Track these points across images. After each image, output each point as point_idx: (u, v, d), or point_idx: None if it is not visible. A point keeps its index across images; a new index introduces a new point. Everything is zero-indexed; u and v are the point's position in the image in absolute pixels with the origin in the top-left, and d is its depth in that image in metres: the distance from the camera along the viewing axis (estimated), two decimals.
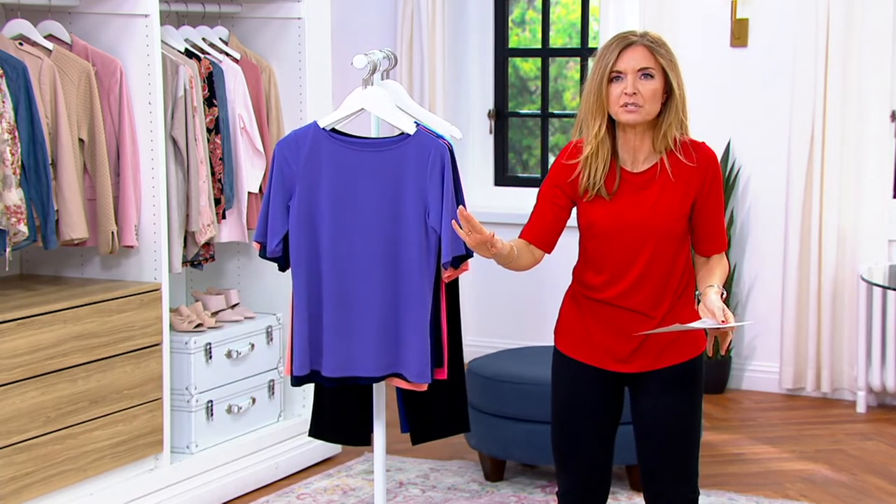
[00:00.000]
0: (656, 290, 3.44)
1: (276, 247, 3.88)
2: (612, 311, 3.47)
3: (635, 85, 3.35)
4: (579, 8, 7.12)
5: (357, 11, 7.25)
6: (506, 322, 7.13)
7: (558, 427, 3.57)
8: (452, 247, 3.80)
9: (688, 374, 3.51)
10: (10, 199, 4.31)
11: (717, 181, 3.46)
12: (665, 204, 3.41)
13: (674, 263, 3.45)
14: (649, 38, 3.40)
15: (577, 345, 3.53)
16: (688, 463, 3.53)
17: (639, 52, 3.37)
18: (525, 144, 7.50)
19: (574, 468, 3.56)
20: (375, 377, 3.90)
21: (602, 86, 3.38)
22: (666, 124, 3.40)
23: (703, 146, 3.47)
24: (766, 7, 6.50)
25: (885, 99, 6.28)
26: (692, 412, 3.52)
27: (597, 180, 3.41)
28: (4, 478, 4.23)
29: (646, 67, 3.37)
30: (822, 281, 6.37)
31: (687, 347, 3.50)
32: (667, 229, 3.41)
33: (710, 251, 3.51)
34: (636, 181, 3.43)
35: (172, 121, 4.87)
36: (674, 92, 3.39)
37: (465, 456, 5.50)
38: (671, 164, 3.42)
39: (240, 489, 5.11)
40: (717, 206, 3.48)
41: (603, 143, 3.40)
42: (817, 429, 6.00)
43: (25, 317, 4.29)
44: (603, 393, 3.53)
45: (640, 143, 3.43)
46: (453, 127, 4.02)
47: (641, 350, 3.48)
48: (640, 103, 3.35)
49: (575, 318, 3.54)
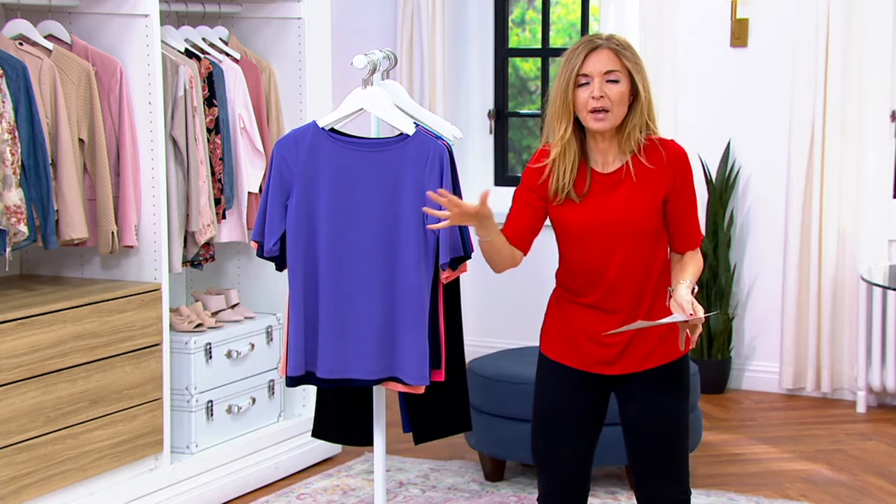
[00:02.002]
0: (635, 290, 3.45)
1: (273, 246, 3.88)
2: (595, 314, 3.48)
3: (602, 88, 3.37)
4: (579, 8, 7.12)
5: (357, 11, 7.25)
6: (506, 322, 7.13)
7: (540, 430, 3.58)
8: (451, 248, 3.80)
9: (673, 375, 3.51)
10: (10, 199, 4.31)
11: (687, 177, 3.47)
12: (636, 202, 3.42)
13: (651, 263, 3.46)
14: (615, 41, 3.42)
15: (562, 348, 3.55)
16: (678, 463, 3.53)
17: (604, 55, 3.39)
18: (525, 144, 7.50)
19: (555, 472, 3.57)
20: (371, 380, 3.90)
21: (569, 90, 3.40)
22: (631, 126, 3.42)
23: (672, 144, 3.48)
24: (766, 7, 6.50)
25: (885, 99, 6.28)
26: (679, 412, 3.52)
27: (566, 182, 3.43)
28: (4, 478, 4.23)
29: (611, 70, 3.39)
30: (822, 281, 6.37)
31: (672, 349, 3.50)
32: (639, 227, 3.42)
33: (684, 247, 3.52)
34: (606, 181, 3.45)
35: (172, 121, 4.87)
36: (640, 94, 3.41)
37: (465, 456, 5.50)
38: (635, 165, 3.43)
39: (240, 489, 5.11)
40: (689, 202, 3.49)
41: (570, 146, 3.43)
42: (817, 429, 6.00)
43: (25, 317, 4.29)
44: (587, 396, 3.54)
45: (608, 145, 3.45)
46: (453, 127, 4.03)
47: (627, 352, 3.48)
48: (607, 107, 3.38)
49: (559, 322, 3.56)
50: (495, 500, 5.03)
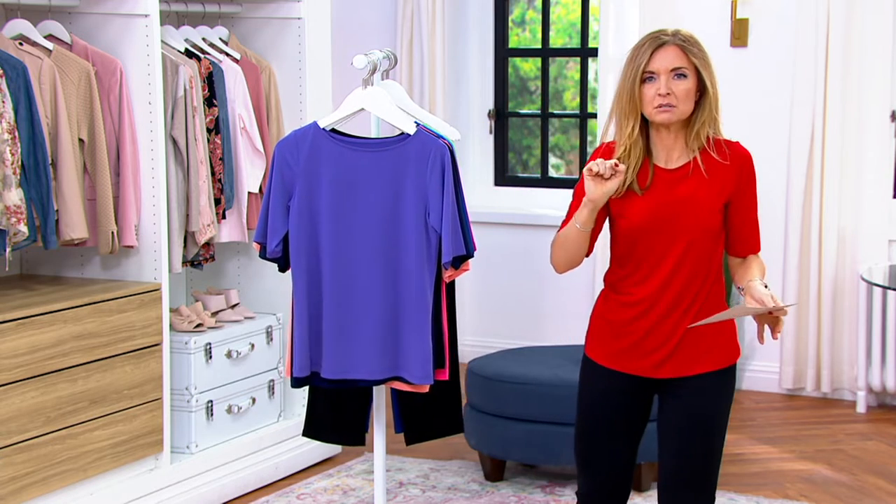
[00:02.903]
0: (688, 291, 3.40)
1: (275, 247, 3.88)
2: (643, 316, 3.43)
3: (668, 85, 3.34)
4: (579, 8, 7.12)
5: (357, 11, 7.25)
6: (506, 322, 7.12)
7: (583, 431, 3.53)
8: (453, 247, 3.79)
9: (719, 382, 3.46)
10: (10, 199, 4.31)
11: (752, 180, 3.44)
12: (699, 199, 3.38)
13: (707, 264, 3.41)
14: (681, 36, 3.38)
15: (607, 351, 3.49)
16: (707, 472, 3.47)
17: (671, 51, 3.36)
18: (525, 144, 7.49)
19: (596, 471, 3.53)
20: (375, 380, 3.89)
21: (635, 87, 3.36)
22: (699, 123, 3.39)
23: (738, 145, 3.45)
24: (766, 7, 6.50)
25: (885, 99, 6.28)
26: (717, 422, 3.47)
27: (629, 176, 3.39)
28: (4, 478, 4.23)
29: (679, 67, 3.35)
30: (822, 281, 6.37)
31: (720, 356, 3.46)
32: (699, 225, 3.38)
33: (745, 251, 3.49)
34: (670, 177, 3.41)
35: (172, 121, 4.87)
36: (707, 90, 3.38)
37: (465, 456, 5.50)
38: (704, 161, 3.40)
39: (240, 489, 5.11)
40: (752, 205, 3.46)
41: (636, 143, 3.39)
42: (817, 429, 6.00)
43: (25, 317, 4.29)
44: (631, 399, 3.50)
45: (673, 142, 3.41)
46: (452, 128, 4.02)
47: (674, 357, 3.44)
48: (673, 103, 3.34)
49: (605, 325, 3.51)
50: (495, 500, 5.03)
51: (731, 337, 3.49)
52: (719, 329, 3.45)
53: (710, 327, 3.43)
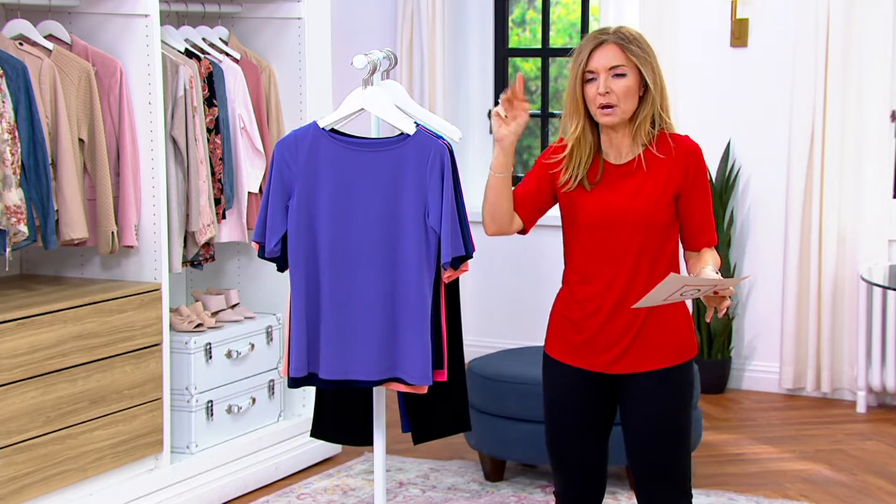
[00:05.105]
0: (641, 284, 3.41)
1: (274, 247, 3.87)
2: (598, 312, 3.46)
3: (608, 84, 3.38)
4: (579, 8, 7.12)
5: (357, 11, 7.25)
6: (506, 322, 7.13)
7: (550, 430, 3.58)
8: (452, 247, 3.79)
9: (676, 377, 3.49)
10: (10, 199, 4.31)
11: (701, 173, 3.46)
12: (645, 192, 3.41)
13: (658, 257, 3.44)
14: (621, 34, 3.41)
15: (566, 348, 3.53)
16: (678, 467, 3.50)
17: (609, 50, 3.39)
18: (525, 144, 7.49)
19: (568, 469, 3.57)
20: (373, 381, 3.89)
21: (577, 86, 3.41)
22: (641, 118, 3.42)
23: (686, 139, 3.47)
24: (766, 7, 6.50)
25: (885, 99, 6.28)
26: (681, 415, 3.49)
27: (578, 172, 3.44)
28: (4, 478, 4.23)
29: (617, 66, 3.39)
30: (822, 281, 6.37)
31: (675, 352, 3.49)
32: (647, 218, 3.41)
33: (699, 245, 3.50)
34: (618, 173, 3.45)
35: (172, 121, 4.87)
36: (650, 87, 3.40)
37: (465, 456, 5.50)
38: (647, 156, 3.43)
39: (240, 489, 5.11)
40: (703, 198, 3.47)
41: (584, 140, 3.44)
42: (817, 429, 6.00)
43: (25, 317, 4.29)
44: (593, 396, 3.53)
45: (622, 138, 3.45)
46: (453, 128, 4.02)
47: (630, 352, 3.46)
48: (613, 102, 3.38)
49: (563, 321, 3.54)
50: (495, 500, 5.03)
51: (687, 334, 3.50)
52: (675, 326, 3.47)
53: (666, 324, 3.44)
